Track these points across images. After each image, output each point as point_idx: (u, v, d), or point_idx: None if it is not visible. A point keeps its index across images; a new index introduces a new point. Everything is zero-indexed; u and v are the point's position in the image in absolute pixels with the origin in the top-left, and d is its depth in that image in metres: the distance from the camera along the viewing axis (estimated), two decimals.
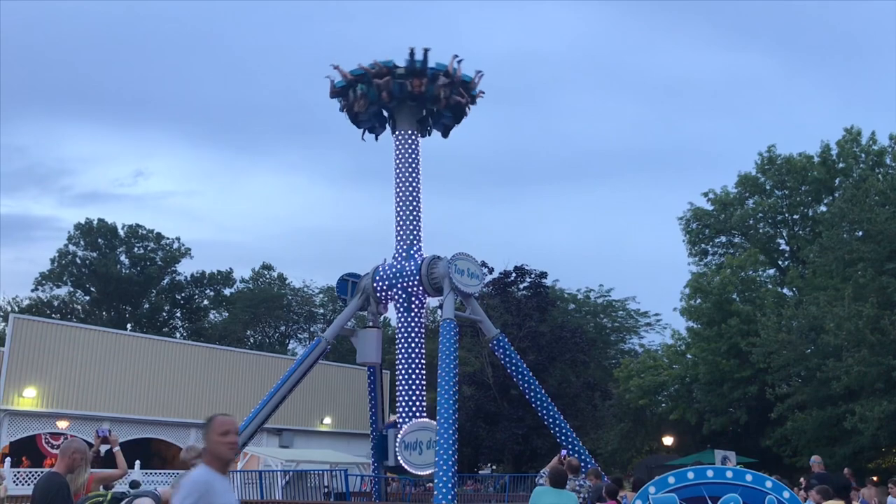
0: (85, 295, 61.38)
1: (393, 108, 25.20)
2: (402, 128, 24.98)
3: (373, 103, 24.80)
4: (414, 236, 24.04)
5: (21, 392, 31.22)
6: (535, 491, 8.72)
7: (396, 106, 24.93)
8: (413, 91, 24.15)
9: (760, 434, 35.25)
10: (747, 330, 34.81)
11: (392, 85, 24.10)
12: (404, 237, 23.99)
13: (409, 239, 23.83)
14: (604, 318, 56.89)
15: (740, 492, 8.42)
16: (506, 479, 27.56)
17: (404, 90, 24.14)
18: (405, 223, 24.14)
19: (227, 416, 4.55)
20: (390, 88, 24.12)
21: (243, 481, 22.01)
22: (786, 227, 42.04)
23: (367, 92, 24.42)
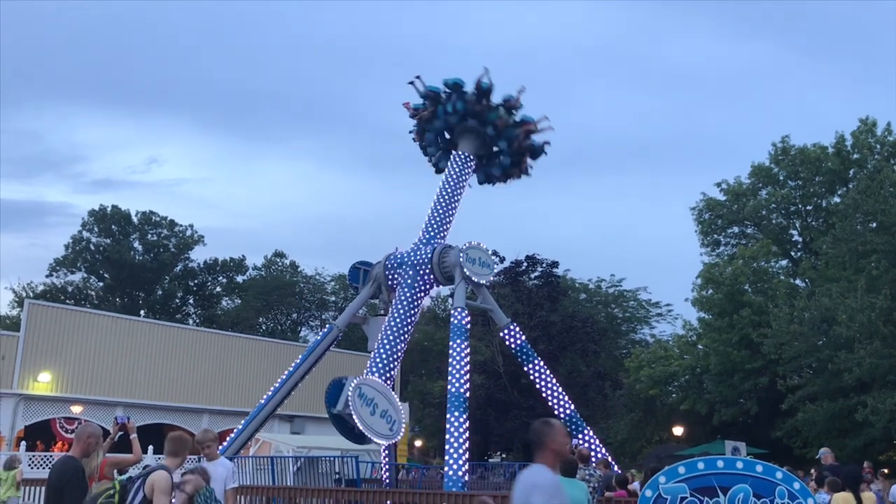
0: (99, 281, 61.81)
1: (457, 130, 25.04)
2: (463, 150, 24.91)
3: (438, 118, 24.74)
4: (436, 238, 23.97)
5: (36, 377, 31.51)
6: None
7: (460, 128, 24.88)
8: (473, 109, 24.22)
9: (771, 425, 35.22)
10: (759, 321, 34.72)
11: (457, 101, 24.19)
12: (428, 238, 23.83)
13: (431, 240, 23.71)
14: (615, 307, 56.84)
15: (750, 482, 8.45)
16: (515, 468, 27.63)
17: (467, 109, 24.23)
18: (432, 227, 23.99)
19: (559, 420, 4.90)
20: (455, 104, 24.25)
21: (255, 467, 22.17)
22: (799, 218, 41.85)
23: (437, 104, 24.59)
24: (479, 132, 24.71)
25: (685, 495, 8.46)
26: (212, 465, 8.00)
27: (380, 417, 18.81)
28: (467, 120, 24.53)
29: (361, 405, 18.37)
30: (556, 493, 4.60)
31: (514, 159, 25.48)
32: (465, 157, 24.72)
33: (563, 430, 4.92)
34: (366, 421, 18.32)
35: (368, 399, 18.74)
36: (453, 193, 24.45)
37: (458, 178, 24.54)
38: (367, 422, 18.35)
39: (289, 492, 15.38)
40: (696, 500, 8.41)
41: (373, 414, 18.67)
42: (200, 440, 8.24)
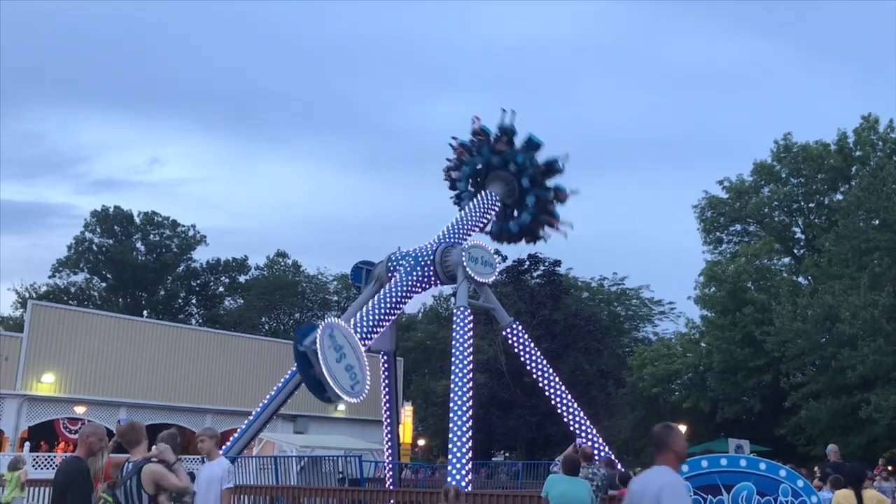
0: (101, 281, 61.86)
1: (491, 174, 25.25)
2: (493, 191, 25.02)
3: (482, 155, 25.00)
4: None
5: (39, 378, 31.56)
6: (549, 478, 8.77)
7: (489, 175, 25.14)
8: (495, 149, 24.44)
9: (774, 423, 35.19)
10: (762, 318, 34.71)
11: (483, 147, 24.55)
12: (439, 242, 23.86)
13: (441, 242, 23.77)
14: (618, 306, 56.82)
15: (754, 480, 8.45)
16: (519, 467, 27.66)
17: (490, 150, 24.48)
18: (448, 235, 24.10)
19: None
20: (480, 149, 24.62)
21: (258, 467, 22.20)
22: (801, 215, 41.82)
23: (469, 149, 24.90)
24: (510, 181, 24.80)
25: (689, 493, 8.46)
26: (209, 465, 7.93)
27: (344, 370, 17.63)
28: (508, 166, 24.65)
29: (329, 347, 17.25)
30: (684, 493, 4.94)
31: (533, 220, 25.45)
32: (493, 197, 24.74)
33: (682, 433, 5.24)
34: (329, 365, 17.14)
35: (338, 345, 17.64)
36: (471, 224, 24.48)
37: (482, 213, 24.47)
38: (331, 367, 17.16)
39: (292, 491, 15.39)
40: (699, 498, 8.41)
41: (338, 362, 17.50)
42: (198, 434, 8.23)
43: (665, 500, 4.78)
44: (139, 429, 6.44)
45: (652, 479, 4.99)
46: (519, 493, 14.90)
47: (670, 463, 5.05)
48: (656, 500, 4.82)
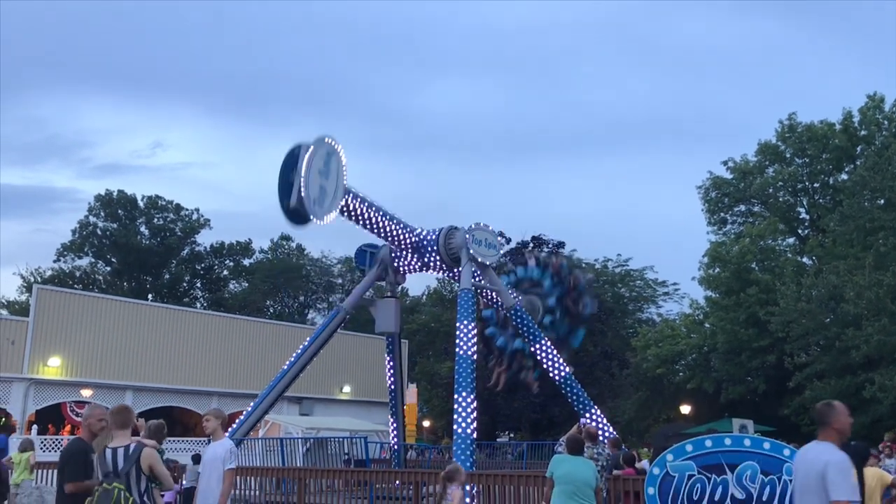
0: (106, 265, 62.00)
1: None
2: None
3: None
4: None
5: (46, 361, 31.72)
6: (554, 458, 8.81)
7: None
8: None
9: (779, 403, 35.27)
10: (766, 299, 34.69)
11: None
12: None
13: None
14: (622, 287, 56.75)
15: (758, 459, 8.49)
16: (523, 447, 27.78)
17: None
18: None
19: None
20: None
21: (264, 448, 22.32)
22: (806, 195, 41.70)
23: None
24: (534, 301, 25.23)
25: (693, 473, 8.51)
26: (212, 445, 8.00)
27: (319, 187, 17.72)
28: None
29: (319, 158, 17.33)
30: (849, 472, 5.11)
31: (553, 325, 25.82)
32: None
33: (845, 411, 5.50)
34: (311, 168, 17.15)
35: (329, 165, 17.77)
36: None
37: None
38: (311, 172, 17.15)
39: (298, 472, 15.48)
40: (703, 477, 8.45)
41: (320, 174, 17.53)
42: (204, 414, 8.31)
43: (831, 478, 5.03)
44: (129, 413, 6.46)
45: (817, 456, 5.24)
46: (524, 472, 14.99)
47: (832, 440, 5.31)
48: (821, 477, 5.07)
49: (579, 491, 8.19)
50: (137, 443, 6.37)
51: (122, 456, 6.07)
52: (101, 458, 6.08)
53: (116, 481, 5.97)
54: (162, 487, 6.42)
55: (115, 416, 6.34)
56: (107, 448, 6.14)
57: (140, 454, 6.14)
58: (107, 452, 6.10)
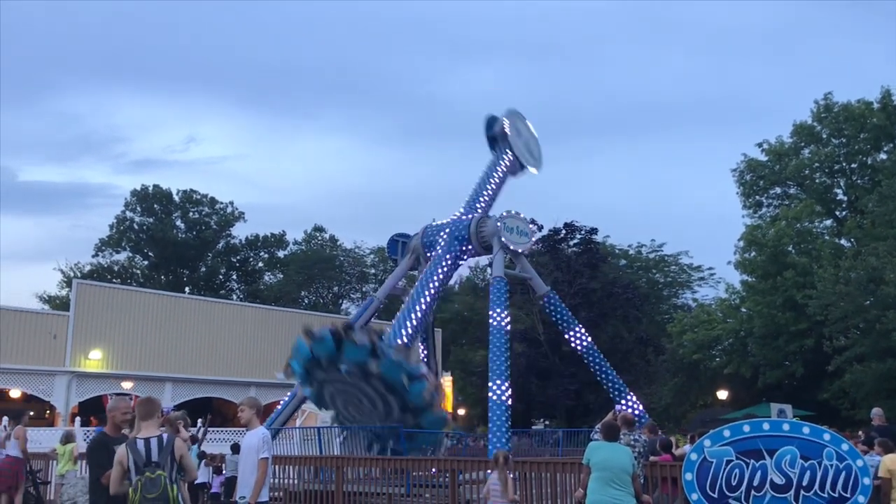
0: (143, 259, 62.93)
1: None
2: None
3: None
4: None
5: (87, 354, 32.33)
6: (590, 445, 8.80)
7: None
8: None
9: (817, 387, 34.84)
10: (803, 282, 34.24)
11: None
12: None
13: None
14: (656, 273, 56.39)
15: (797, 444, 8.40)
16: (559, 434, 27.76)
17: None
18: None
19: None
20: None
21: (302, 438, 22.54)
22: (843, 176, 40.98)
23: None
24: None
25: (731, 458, 8.45)
26: (249, 434, 7.96)
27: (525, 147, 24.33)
28: None
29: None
30: None
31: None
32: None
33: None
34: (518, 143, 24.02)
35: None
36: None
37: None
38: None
39: (336, 461, 15.61)
40: (741, 462, 8.39)
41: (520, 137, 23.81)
42: (239, 403, 8.37)
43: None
44: (156, 404, 6.55)
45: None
46: (560, 459, 14.98)
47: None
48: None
49: (616, 478, 8.18)
50: (168, 433, 6.47)
51: (155, 445, 6.16)
52: (133, 449, 6.14)
53: (159, 469, 6.08)
54: (185, 477, 6.52)
55: (140, 408, 6.43)
56: (138, 439, 6.22)
57: (174, 444, 6.26)
58: (138, 443, 6.17)
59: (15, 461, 13.36)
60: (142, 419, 6.38)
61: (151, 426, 6.34)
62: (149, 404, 6.46)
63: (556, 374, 40.22)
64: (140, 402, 6.53)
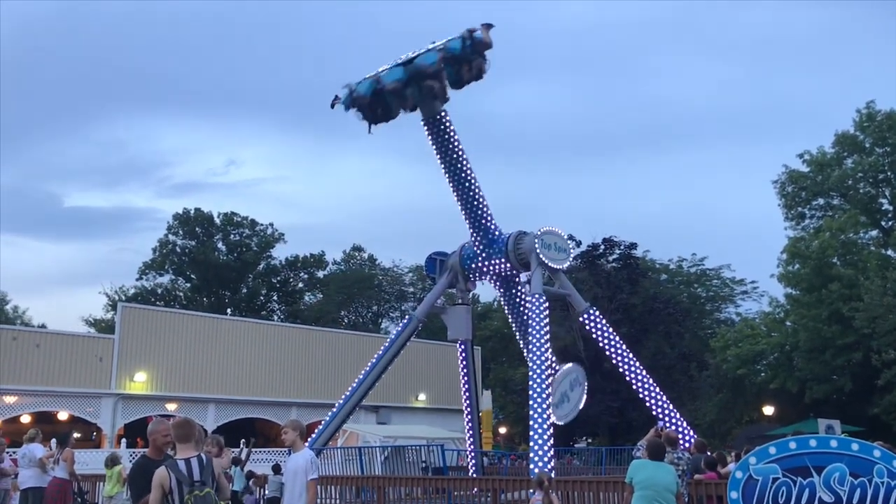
0: (186, 282, 63.82)
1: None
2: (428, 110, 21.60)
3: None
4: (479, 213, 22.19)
5: (132, 377, 32.81)
6: (633, 464, 8.70)
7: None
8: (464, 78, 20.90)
9: (867, 402, 34.03)
10: (849, 294, 33.56)
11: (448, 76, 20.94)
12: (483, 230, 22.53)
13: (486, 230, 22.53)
14: (698, 287, 55.70)
15: (846, 461, 8.22)
16: (602, 452, 27.48)
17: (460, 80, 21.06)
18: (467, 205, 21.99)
19: None
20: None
21: (344, 458, 22.62)
22: (888, 185, 40.18)
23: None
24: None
25: (777, 476, 8.29)
26: (294, 456, 8.04)
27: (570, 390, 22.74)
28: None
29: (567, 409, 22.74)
30: None
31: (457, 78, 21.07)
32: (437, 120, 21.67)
33: None
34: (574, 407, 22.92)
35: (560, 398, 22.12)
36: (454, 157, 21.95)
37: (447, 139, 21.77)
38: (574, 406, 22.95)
39: (378, 481, 15.64)
40: (788, 480, 8.23)
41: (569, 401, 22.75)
42: (283, 426, 8.42)
43: None
44: (193, 425, 6.60)
45: None
46: (603, 478, 14.83)
47: None
48: None
49: (660, 496, 8.08)
50: (207, 453, 6.58)
51: (196, 465, 6.24)
52: (175, 470, 6.21)
53: (206, 488, 6.18)
54: (219, 497, 6.60)
55: (177, 430, 6.50)
56: (179, 460, 6.30)
57: (212, 464, 6.38)
58: (179, 464, 6.25)
59: (62, 483, 13.56)
60: (179, 441, 6.46)
61: (189, 448, 6.41)
62: (186, 426, 6.52)
63: (598, 391, 39.80)
64: (176, 424, 6.57)
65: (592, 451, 31.04)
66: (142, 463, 6.78)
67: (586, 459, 30.95)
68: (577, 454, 36.71)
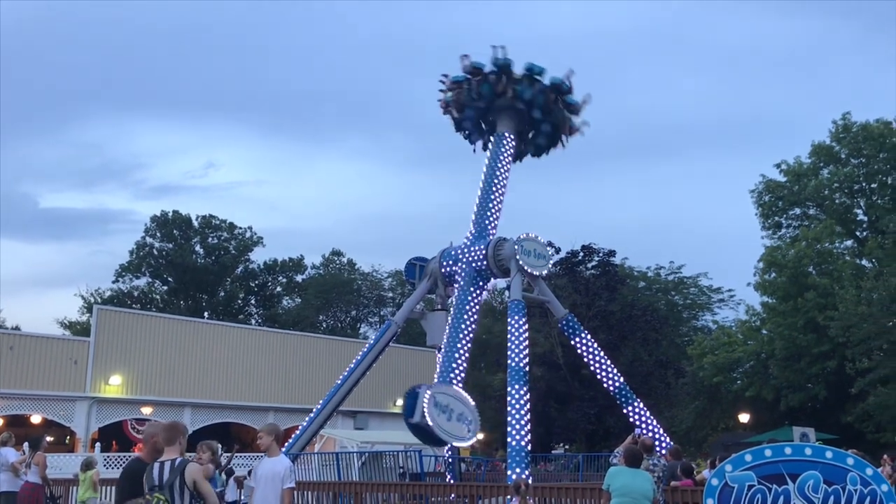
0: (163, 285, 63.31)
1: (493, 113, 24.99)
2: (501, 130, 24.78)
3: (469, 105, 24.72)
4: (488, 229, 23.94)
5: (107, 380, 32.49)
6: (610, 471, 8.73)
7: (496, 111, 24.83)
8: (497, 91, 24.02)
9: (841, 410, 34.38)
10: (825, 304, 33.90)
11: (481, 86, 24.04)
12: (480, 229, 23.85)
13: (483, 231, 23.78)
14: (675, 295, 56.09)
15: (820, 469, 8.29)
16: (579, 459, 27.55)
17: (492, 91, 24.02)
18: (483, 217, 23.98)
19: None
20: (479, 90, 24.07)
21: (321, 463, 22.52)
22: (863, 196, 40.67)
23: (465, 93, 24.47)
24: (521, 113, 24.59)
25: (753, 483, 8.34)
26: (268, 461, 7.85)
27: (457, 421, 19.21)
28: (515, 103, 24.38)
29: (438, 414, 18.77)
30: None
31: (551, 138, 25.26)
32: (501, 137, 24.61)
33: None
34: (444, 428, 18.81)
35: (443, 406, 19.09)
36: (497, 177, 24.35)
37: (501, 160, 24.37)
38: (446, 428, 18.83)
39: (355, 487, 15.58)
40: (764, 488, 8.28)
41: (449, 420, 19.06)
42: (258, 431, 8.29)
43: None
44: (180, 429, 6.57)
45: None
46: (580, 485, 14.86)
47: None
48: None
49: (637, 503, 8.11)
50: (183, 457, 6.47)
51: (168, 469, 6.20)
52: (148, 473, 6.22)
53: (159, 493, 6.10)
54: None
55: (164, 433, 6.50)
56: (155, 462, 6.28)
57: (185, 467, 6.25)
58: (154, 467, 6.24)
59: (34, 487, 13.39)
60: (165, 444, 6.44)
61: (172, 451, 6.38)
62: (171, 430, 6.50)
63: (576, 397, 39.95)
64: (164, 427, 6.58)
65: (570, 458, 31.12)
66: (133, 466, 6.77)
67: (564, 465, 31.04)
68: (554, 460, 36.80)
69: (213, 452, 9.84)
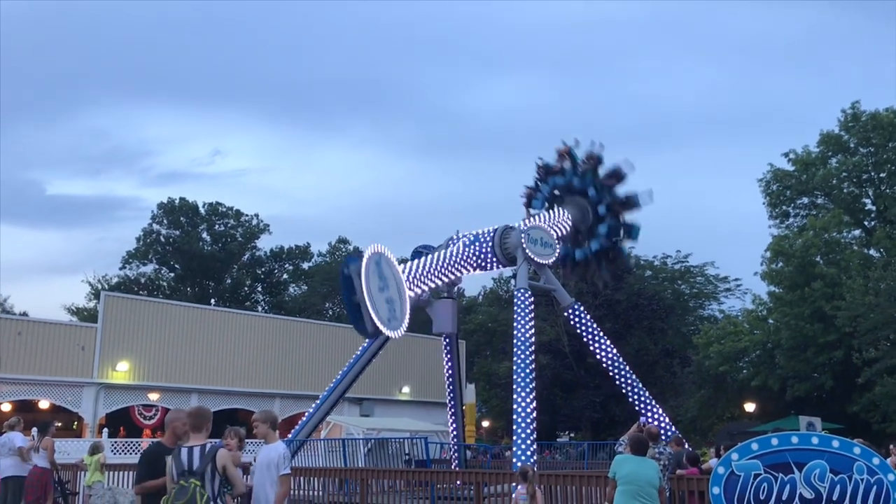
0: (170, 272, 63.50)
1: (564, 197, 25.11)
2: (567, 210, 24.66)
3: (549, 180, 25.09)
4: None
5: (114, 366, 32.61)
6: (616, 459, 8.72)
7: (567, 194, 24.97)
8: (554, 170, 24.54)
9: (847, 400, 34.34)
10: (832, 293, 33.81)
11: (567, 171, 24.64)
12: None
13: None
14: (682, 284, 55.98)
15: (827, 458, 8.28)
16: (584, 447, 27.59)
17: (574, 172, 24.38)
18: None
19: None
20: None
21: (326, 449, 22.60)
22: (872, 185, 40.49)
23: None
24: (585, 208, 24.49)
25: (759, 472, 8.34)
26: (266, 448, 7.78)
27: (385, 302, 17.26)
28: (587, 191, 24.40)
29: (373, 274, 16.88)
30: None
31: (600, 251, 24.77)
32: (566, 215, 24.35)
33: None
34: (371, 291, 16.70)
35: (382, 274, 17.29)
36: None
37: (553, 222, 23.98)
38: (372, 294, 16.71)
39: (361, 473, 15.62)
40: (770, 476, 8.28)
41: (380, 291, 17.15)
42: (252, 419, 8.24)
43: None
44: (206, 415, 6.56)
45: None
46: (586, 472, 14.88)
47: None
48: None
49: (642, 491, 8.10)
50: (214, 443, 6.48)
51: (197, 455, 6.19)
52: (176, 458, 6.21)
53: (193, 478, 6.10)
54: (232, 491, 6.51)
55: (191, 419, 6.50)
56: (182, 447, 6.28)
57: (216, 453, 6.26)
58: (182, 451, 6.23)
59: (43, 472, 13.47)
60: (192, 430, 6.45)
61: (200, 437, 6.39)
62: (198, 416, 6.50)
63: (582, 385, 40.03)
64: (191, 413, 6.59)
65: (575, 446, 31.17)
66: (154, 449, 6.78)
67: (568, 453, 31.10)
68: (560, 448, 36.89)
69: (240, 439, 9.85)
